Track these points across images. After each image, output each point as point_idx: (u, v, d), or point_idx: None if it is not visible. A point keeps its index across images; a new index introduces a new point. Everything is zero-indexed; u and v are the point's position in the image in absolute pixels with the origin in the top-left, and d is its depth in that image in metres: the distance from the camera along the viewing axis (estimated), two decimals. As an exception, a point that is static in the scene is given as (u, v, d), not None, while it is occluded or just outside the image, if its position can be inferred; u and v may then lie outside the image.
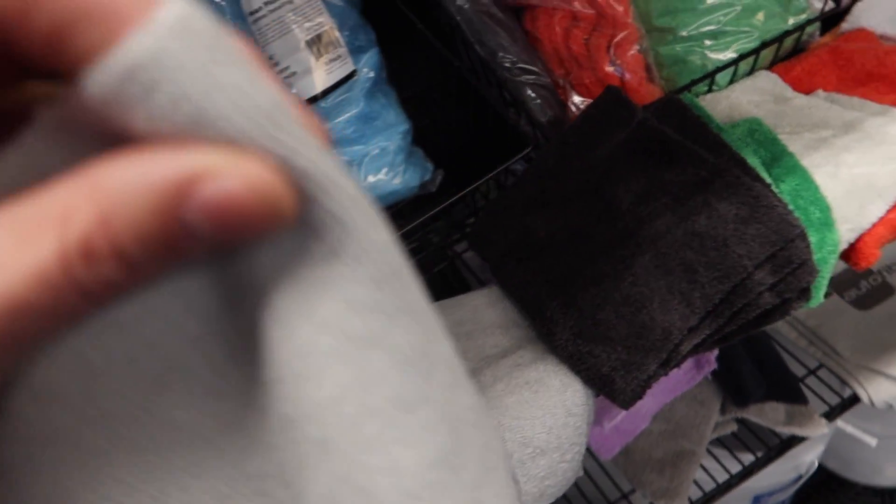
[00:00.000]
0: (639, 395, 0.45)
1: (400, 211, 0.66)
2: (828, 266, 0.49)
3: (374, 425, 0.16)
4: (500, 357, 0.49)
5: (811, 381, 0.83)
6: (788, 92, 0.59)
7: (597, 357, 0.44)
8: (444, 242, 0.68)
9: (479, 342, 0.50)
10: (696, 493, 0.76)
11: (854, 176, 0.51)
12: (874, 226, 0.51)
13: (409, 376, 0.16)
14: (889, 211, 0.51)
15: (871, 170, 0.51)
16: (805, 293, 0.47)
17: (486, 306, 0.52)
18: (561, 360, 0.47)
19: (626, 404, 0.45)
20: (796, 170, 0.51)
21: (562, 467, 0.46)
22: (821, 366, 0.85)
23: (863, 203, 0.50)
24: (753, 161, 0.51)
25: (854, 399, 0.81)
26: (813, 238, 0.48)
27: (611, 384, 0.44)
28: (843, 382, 0.82)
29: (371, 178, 0.64)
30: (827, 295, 0.90)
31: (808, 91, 0.59)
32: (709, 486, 0.77)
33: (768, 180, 0.50)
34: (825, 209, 0.49)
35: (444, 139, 0.71)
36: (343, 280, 0.15)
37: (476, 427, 0.17)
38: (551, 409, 0.45)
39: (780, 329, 0.88)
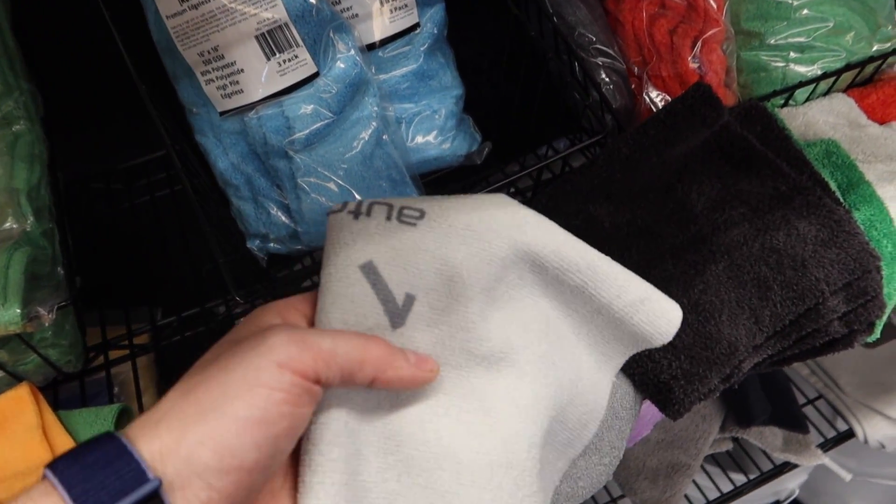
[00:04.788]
0: (690, 408, 0.43)
1: (439, 179, 0.63)
2: (892, 303, 0.48)
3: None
4: (545, 347, 0.46)
5: (807, 410, 0.83)
6: (863, 119, 0.57)
7: (656, 362, 0.42)
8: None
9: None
10: (683, 507, 0.75)
11: (927, 215, 0.49)
12: (940, 268, 0.49)
13: None
14: (957, 255, 0.50)
15: (944, 209, 0.50)
16: (870, 327, 0.45)
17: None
18: (613, 359, 0.45)
19: (677, 415, 0.43)
20: (872, 200, 0.49)
21: (598, 470, 0.44)
22: (819, 396, 0.84)
23: (933, 243, 0.49)
24: (831, 185, 0.49)
25: (848, 434, 0.81)
26: (883, 272, 0.47)
27: (667, 392, 0.42)
28: (840, 416, 0.82)
29: (420, 139, 0.61)
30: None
31: (881, 121, 0.58)
32: (697, 501, 0.76)
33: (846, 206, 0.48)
34: (898, 244, 0.48)
35: (493, 110, 0.68)
36: None
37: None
38: (598, 409, 0.43)
39: (785, 355, 0.88)
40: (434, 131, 0.61)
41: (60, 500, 0.22)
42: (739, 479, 0.77)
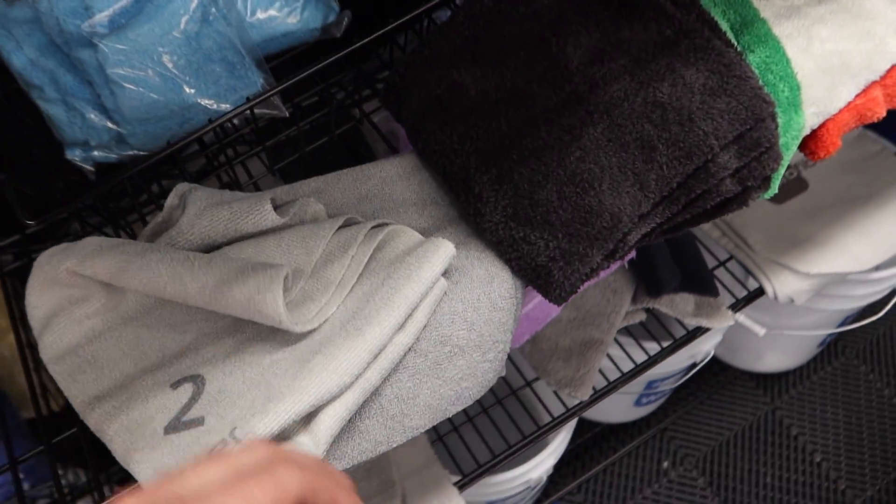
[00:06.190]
0: (575, 290, 0.39)
1: (295, 58, 0.55)
2: (789, 153, 0.43)
3: None
4: (414, 239, 0.41)
5: (719, 272, 0.81)
6: (759, -51, 0.51)
7: (532, 244, 0.37)
8: (351, 99, 0.58)
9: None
10: (599, 382, 0.74)
11: (826, 52, 0.45)
12: (840, 111, 0.45)
13: None
14: (857, 96, 0.45)
15: (844, 46, 0.45)
16: (766, 182, 0.41)
17: (398, 179, 0.43)
18: (488, 245, 0.40)
19: (561, 299, 0.38)
20: (768, 39, 0.44)
21: (482, 367, 0.40)
22: (730, 258, 0.83)
23: (833, 84, 0.44)
24: (722, 24, 0.43)
25: (759, 292, 0.80)
26: (779, 120, 0.42)
27: (547, 276, 0.37)
28: (750, 275, 0.82)
29: (260, 14, 0.52)
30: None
31: (779, -50, 0.52)
32: (612, 374, 0.75)
33: (738, 48, 0.43)
34: (795, 88, 0.43)
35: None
36: None
37: None
38: (474, 302, 0.38)
39: (695, 219, 0.85)
40: (278, 2, 0.52)
41: None
42: (653, 348, 0.76)
